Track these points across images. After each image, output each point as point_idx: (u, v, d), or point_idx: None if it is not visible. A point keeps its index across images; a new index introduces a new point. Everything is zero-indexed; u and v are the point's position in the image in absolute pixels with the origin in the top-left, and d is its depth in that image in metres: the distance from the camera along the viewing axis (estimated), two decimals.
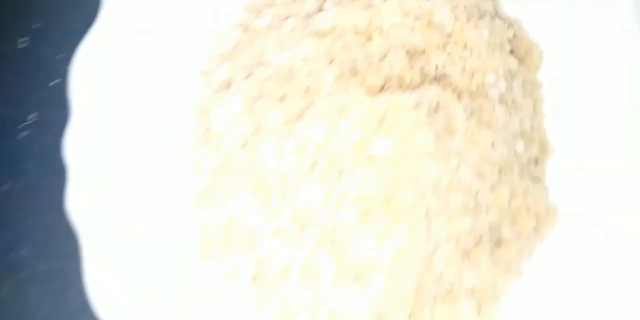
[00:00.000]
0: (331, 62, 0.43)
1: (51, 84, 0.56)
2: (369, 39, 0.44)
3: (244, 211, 0.43)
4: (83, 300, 0.48)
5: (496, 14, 0.52)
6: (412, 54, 0.45)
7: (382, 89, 0.42)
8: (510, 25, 0.53)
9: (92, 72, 0.47)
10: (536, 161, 0.53)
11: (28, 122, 0.56)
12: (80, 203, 0.44)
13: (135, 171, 0.46)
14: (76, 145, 0.45)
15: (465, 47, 0.45)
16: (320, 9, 0.47)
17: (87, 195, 0.44)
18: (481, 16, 0.46)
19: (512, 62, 0.47)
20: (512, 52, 0.52)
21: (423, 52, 0.45)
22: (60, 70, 0.53)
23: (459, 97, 0.44)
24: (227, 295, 0.45)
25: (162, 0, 0.48)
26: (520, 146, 0.50)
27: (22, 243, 0.52)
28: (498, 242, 0.49)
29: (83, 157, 0.44)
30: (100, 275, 0.43)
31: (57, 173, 0.48)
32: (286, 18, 0.47)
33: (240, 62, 0.47)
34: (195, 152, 0.47)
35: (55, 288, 0.52)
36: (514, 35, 0.53)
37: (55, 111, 0.52)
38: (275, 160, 0.41)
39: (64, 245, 0.48)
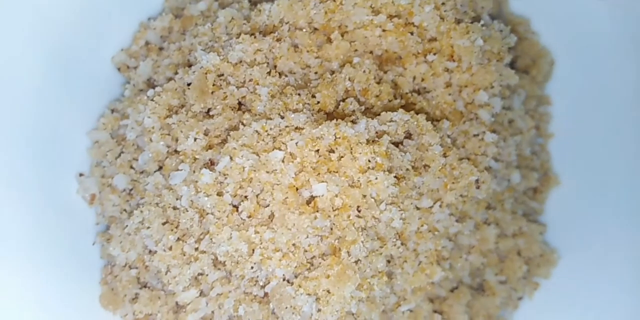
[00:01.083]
0: (272, 70, 0.34)
1: None
2: (328, 40, 0.35)
3: (155, 250, 0.35)
4: None
5: (499, 14, 0.44)
6: (383, 62, 0.36)
7: (336, 107, 0.34)
8: (515, 27, 0.46)
9: None
10: (535, 192, 0.48)
11: None
12: None
13: (34, 185, 0.37)
14: None
15: (452, 56, 0.37)
16: None
17: None
18: (475, 17, 0.37)
19: (512, 77, 0.39)
20: (513, 62, 0.45)
21: (397, 60, 0.36)
22: None
23: (439, 121, 0.36)
24: None
25: None
26: (515, 176, 0.44)
27: None
28: (479, 287, 0.45)
29: None
30: None
31: None
32: (227, 5, 0.38)
33: (166, 59, 0.38)
34: (107, 166, 0.38)
35: None
36: (520, 39, 0.46)
37: None
38: (189, 194, 0.33)
39: None
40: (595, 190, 0.46)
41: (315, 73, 0.36)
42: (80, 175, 0.40)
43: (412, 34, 0.36)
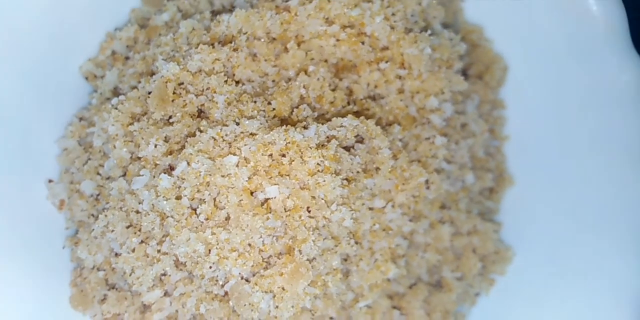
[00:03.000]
0: (229, 78, 0.35)
1: None
2: (285, 49, 0.37)
3: (120, 252, 0.36)
4: None
5: (454, 22, 0.46)
6: (338, 70, 0.38)
7: (290, 114, 0.35)
8: (469, 34, 0.47)
9: None
10: (490, 192, 0.50)
11: None
12: None
13: (6, 191, 0.38)
14: None
15: (403, 64, 0.39)
16: (232, 6, 0.39)
17: None
18: (426, 27, 0.39)
19: (461, 83, 0.40)
20: (466, 68, 0.46)
21: (352, 68, 0.38)
22: None
23: (389, 125, 0.38)
24: None
25: None
26: (469, 177, 0.46)
27: None
28: (437, 284, 0.46)
29: None
30: None
31: None
32: (190, 15, 0.39)
33: (130, 68, 0.39)
34: (75, 172, 0.40)
35: None
36: (473, 46, 0.48)
37: None
38: (150, 198, 0.34)
39: None
40: (549, 190, 0.47)
41: (273, 81, 0.38)
42: (50, 181, 0.41)
43: (363, 43, 0.38)
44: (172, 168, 0.34)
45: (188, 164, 0.34)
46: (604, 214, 0.45)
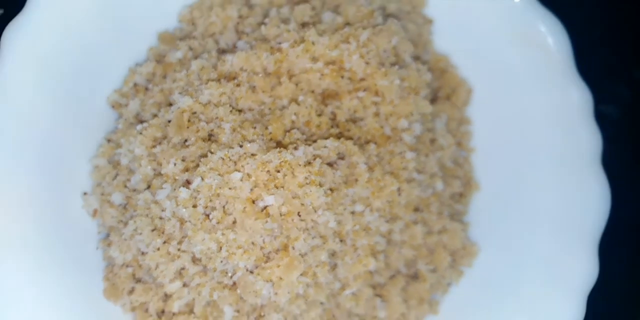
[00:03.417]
0: (233, 108, 0.42)
1: None
2: (279, 82, 0.44)
3: (146, 251, 0.43)
4: None
5: (423, 52, 0.53)
6: (324, 98, 0.45)
7: (284, 137, 0.42)
8: (436, 62, 0.54)
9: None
10: (460, 196, 0.55)
11: None
12: None
13: (46, 205, 0.45)
14: None
15: (377, 93, 0.45)
16: (234, 46, 0.47)
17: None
18: (394, 62, 0.46)
19: (427, 107, 0.47)
20: (436, 91, 0.53)
21: (335, 96, 0.45)
22: None
23: (366, 144, 0.45)
24: None
25: (76, 25, 0.46)
26: (439, 185, 0.51)
27: None
28: (414, 275, 0.52)
29: None
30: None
31: None
32: (199, 55, 0.46)
33: (150, 98, 0.46)
34: (106, 186, 0.47)
35: None
36: (441, 72, 0.55)
37: None
38: (171, 206, 0.41)
39: None
40: (510, 194, 0.53)
41: (269, 109, 0.45)
42: (85, 194, 0.47)
43: (343, 77, 0.45)
44: (189, 182, 0.41)
45: (202, 179, 0.40)
46: (556, 214, 0.51)
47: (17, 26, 0.42)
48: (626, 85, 0.64)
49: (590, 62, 0.53)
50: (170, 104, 0.45)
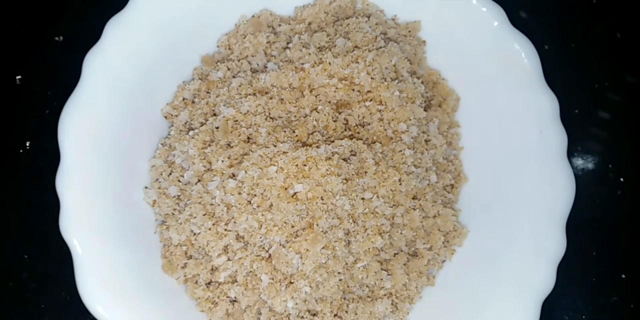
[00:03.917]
0: (267, 116, 0.52)
1: (45, 114, 0.66)
2: (302, 95, 0.54)
3: (199, 232, 0.52)
4: (73, 297, 0.57)
5: (418, 67, 0.60)
6: (338, 107, 0.54)
7: (307, 138, 0.52)
8: (429, 76, 0.61)
9: (81, 114, 0.52)
10: (451, 187, 0.62)
11: (27, 148, 0.66)
12: (71, 219, 0.48)
13: (117, 196, 0.52)
14: (67, 174, 0.49)
15: (381, 102, 0.52)
16: (265, 67, 0.57)
17: (76, 212, 0.49)
18: (394, 77, 0.54)
19: (421, 113, 0.54)
20: (427, 101, 0.60)
21: (347, 105, 0.54)
22: (52, 105, 0.63)
23: (372, 143, 0.53)
24: (189, 295, 0.53)
25: (139, 53, 0.55)
26: (432, 177, 0.58)
27: (22, 250, 0.63)
28: (414, 254, 0.58)
29: (74, 184, 0.49)
30: (88, 276, 0.48)
31: (53, 188, 0.55)
32: (236, 73, 0.56)
33: (198, 110, 0.56)
34: (162, 181, 0.56)
35: (50, 286, 0.62)
36: (434, 83, 0.62)
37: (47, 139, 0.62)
38: (220, 194, 0.50)
39: (56, 252, 0.59)
40: (493, 184, 0.57)
41: (295, 116, 0.51)
42: (145, 188, 0.54)
43: (354, 90, 0.52)
44: (234, 175, 0.48)
45: (245, 172, 0.47)
46: (531, 200, 0.54)
47: (95, 54, 0.51)
48: (618, 90, 0.68)
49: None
50: (214, 114, 0.52)
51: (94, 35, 0.51)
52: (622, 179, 0.69)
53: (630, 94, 0.70)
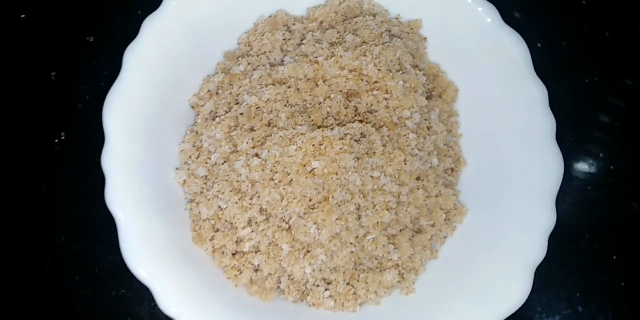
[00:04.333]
0: (286, 104, 0.58)
1: (78, 107, 0.72)
2: (316, 85, 0.60)
3: (226, 207, 0.56)
4: (108, 273, 0.65)
5: (420, 62, 0.66)
6: (349, 96, 0.60)
7: (322, 123, 0.58)
8: (430, 69, 0.67)
9: (121, 102, 0.57)
10: (452, 171, 0.67)
11: (62, 138, 0.72)
12: (116, 193, 0.51)
13: (152, 176, 0.57)
14: (112, 154, 0.52)
15: (387, 91, 0.56)
16: (282, 61, 0.63)
17: (120, 187, 0.52)
18: (399, 69, 0.59)
19: (423, 101, 0.60)
20: (429, 92, 0.65)
21: (357, 94, 0.60)
22: (85, 99, 0.68)
23: (380, 128, 0.59)
24: (217, 264, 0.58)
25: (172, 52, 0.60)
26: (434, 161, 0.62)
27: (60, 230, 0.68)
28: (418, 230, 0.60)
29: (119, 163, 0.52)
30: (132, 243, 0.50)
31: (86, 175, 0.62)
32: (256, 67, 0.62)
33: (222, 100, 0.62)
34: (191, 164, 0.62)
35: (86, 263, 0.67)
36: (434, 76, 0.67)
37: (83, 128, 0.68)
38: (246, 172, 0.55)
39: (92, 231, 0.65)
40: (489, 167, 0.61)
41: (310, 104, 0.55)
42: (177, 169, 0.57)
43: (362, 80, 0.55)
44: (258, 155, 0.52)
45: (268, 151, 0.51)
46: (523, 180, 0.58)
47: (133, 51, 0.57)
48: (619, 93, 0.71)
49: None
50: (237, 103, 0.55)
51: (120, 36, 0.56)
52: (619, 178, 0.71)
53: (630, 94, 0.73)
